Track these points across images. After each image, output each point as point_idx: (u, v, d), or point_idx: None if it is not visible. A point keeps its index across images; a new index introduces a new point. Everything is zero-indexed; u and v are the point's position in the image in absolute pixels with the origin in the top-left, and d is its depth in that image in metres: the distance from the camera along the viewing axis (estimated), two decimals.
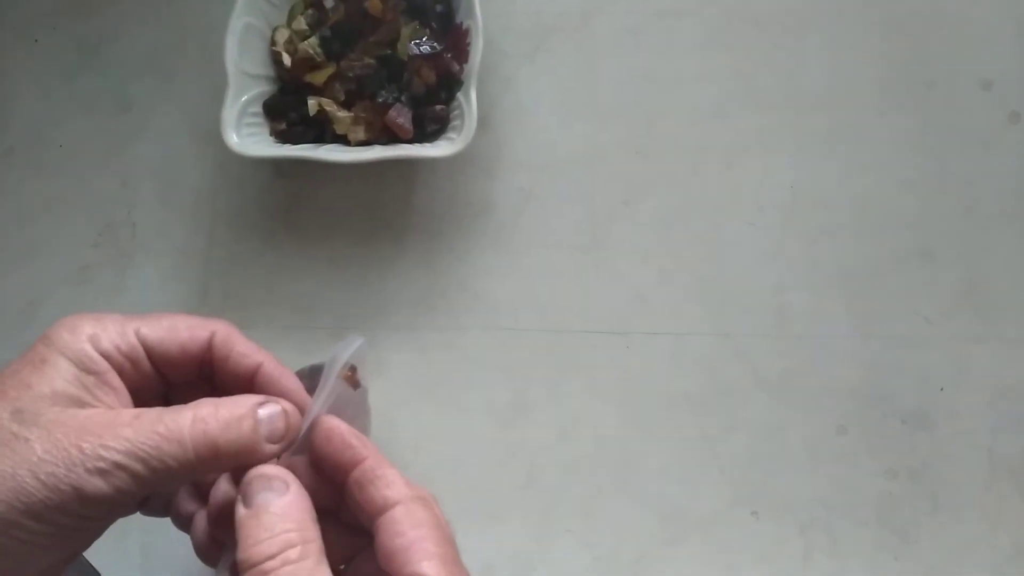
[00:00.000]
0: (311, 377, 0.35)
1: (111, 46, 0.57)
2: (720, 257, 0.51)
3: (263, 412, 0.29)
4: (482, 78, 0.50)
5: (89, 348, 0.29)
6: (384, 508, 0.30)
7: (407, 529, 0.29)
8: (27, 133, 0.56)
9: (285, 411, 0.30)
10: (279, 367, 0.33)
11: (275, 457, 0.30)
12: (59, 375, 0.28)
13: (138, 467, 0.27)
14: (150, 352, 0.31)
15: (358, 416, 0.36)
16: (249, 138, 0.49)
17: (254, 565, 0.27)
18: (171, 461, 0.27)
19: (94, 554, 0.49)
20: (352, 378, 0.36)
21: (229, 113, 0.49)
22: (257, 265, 0.53)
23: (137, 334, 0.31)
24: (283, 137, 0.50)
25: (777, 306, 0.50)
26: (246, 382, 0.32)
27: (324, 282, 0.52)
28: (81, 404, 0.28)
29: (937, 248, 0.50)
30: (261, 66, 0.51)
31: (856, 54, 0.52)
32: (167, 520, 0.48)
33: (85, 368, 0.29)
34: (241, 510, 0.29)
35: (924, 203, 0.51)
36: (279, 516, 0.28)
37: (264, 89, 0.51)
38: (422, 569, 0.28)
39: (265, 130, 0.51)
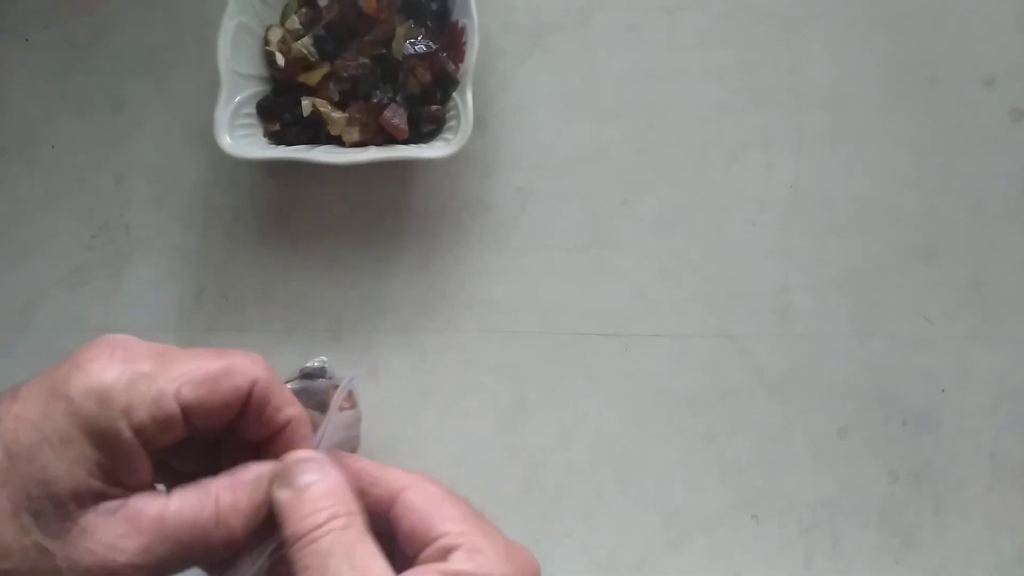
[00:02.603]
0: (309, 393, 0.35)
1: (104, 44, 0.56)
2: (722, 257, 0.51)
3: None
4: (479, 77, 0.49)
5: (123, 427, 0.26)
6: (394, 498, 0.30)
7: (420, 503, 0.29)
8: (20, 133, 0.56)
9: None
10: (305, 421, 0.31)
11: None
12: (82, 465, 0.25)
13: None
14: (187, 415, 0.27)
15: (351, 429, 0.37)
16: (242, 139, 0.49)
17: (302, 536, 0.27)
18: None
19: None
20: (349, 400, 0.36)
21: (222, 114, 0.48)
22: (253, 266, 0.52)
23: (178, 398, 0.27)
24: (277, 138, 0.50)
25: (779, 306, 0.50)
26: (272, 435, 0.30)
27: (320, 284, 0.52)
28: (101, 497, 0.26)
29: (940, 247, 0.50)
30: (254, 66, 0.50)
31: (859, 51, 0.52)
32: None
33: (112, 452, 0.26)
34: (283, 493, 0.28)
35: (927, 201, 0.50)
36: (323, 493, 0.28)
37: (258, 89, 0.50)
38: (446, 528, 0.28)
39: (259, 131, 0.50)
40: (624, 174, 0.52)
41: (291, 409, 0.30)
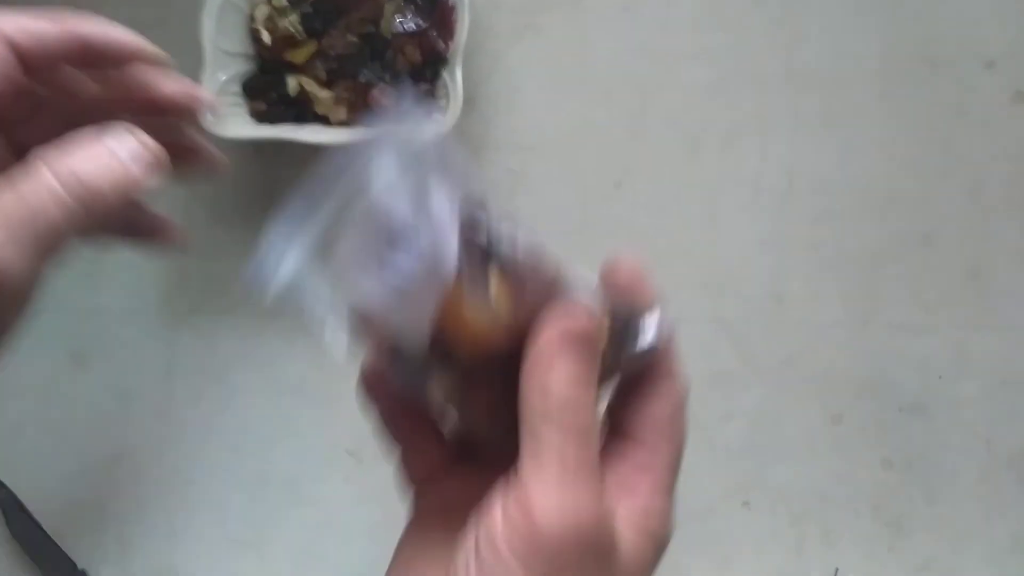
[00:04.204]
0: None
1: None
2: (716, 242, 0.50)
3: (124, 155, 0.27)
4: (469, 56, 0.48)
5: None
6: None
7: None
8: None
9: (145, 147, 0.28)
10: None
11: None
12: None
13: None
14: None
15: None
16: (227, 118, 0.48)
17: (539, 410, 0.24)
18: None
19: (70, 546, 0.49)
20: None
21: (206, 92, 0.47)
22: (237, 248, 0.51)
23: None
24: (262, 117, 0.49)
25: (774, 292, 0.49)
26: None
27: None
28: None
29: (938, 233, 0.49)
30: (240, 44, 0.49)
31: (857, 32, 0.51)
32: (145, 510, 0.48)
33: None
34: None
35: (925, 186, 0.50)
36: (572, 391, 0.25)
37: (243, 68, 0.49)
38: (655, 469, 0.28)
39: (244, 110, 0.49)
40: (617, 156, 0.51)
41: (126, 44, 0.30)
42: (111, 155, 0.27)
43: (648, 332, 0.29)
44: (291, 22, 0.49)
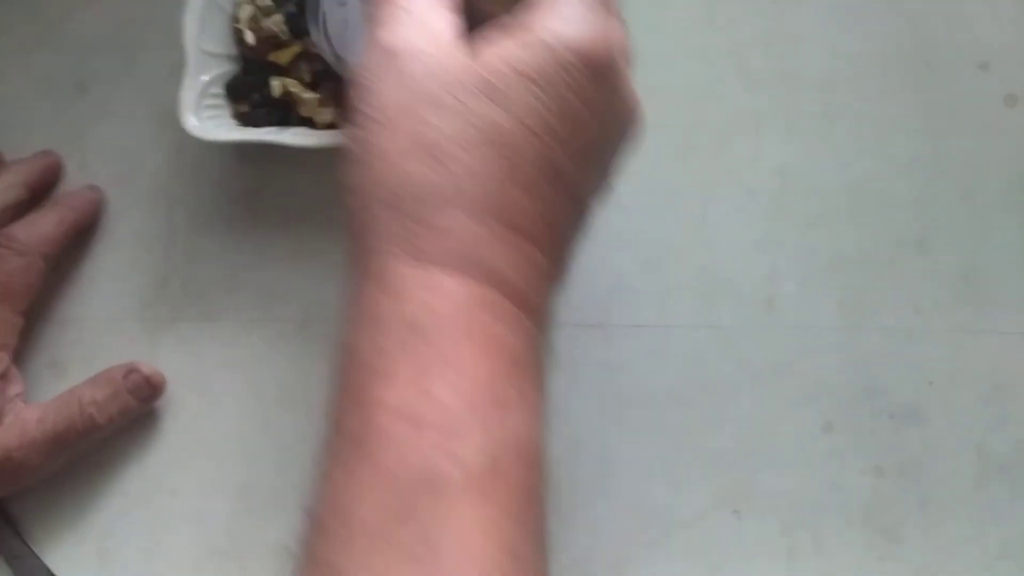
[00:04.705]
0: None
1: (69, 21, 0.55)
2: (707, 245, 0.49)
3: None
4: None
5: None
6: None
7: None
8: None
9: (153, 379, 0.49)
10: None
11: None
12: None
13: None
14: None
15: None
16: (209, 121, 0.47)
17: None
18: None
19: (49, 557, 0.48)
20: None
21: (188, 94, 0.46)
22: (220, 254, 0.51)
23: None
24: (246, 120, 0.48)
25: (766, 296, 0.49)
26: None
27: (290, 272, 0.50)
28: None
29: (932, 236, 0.49)
30: (223, 44, 0.49)
31: (852, 32, 0.50)
32: (126, 523, 0.48)
33: None
34: None
35: (919, 189, 0.49)
36: None
37: (226, 69, 0.49)
38: None
39: (227, 112, 0.48)
40: None
41: None
42: (125, 389, 0.46)
43: None
44: (275, 22, 0.48)
